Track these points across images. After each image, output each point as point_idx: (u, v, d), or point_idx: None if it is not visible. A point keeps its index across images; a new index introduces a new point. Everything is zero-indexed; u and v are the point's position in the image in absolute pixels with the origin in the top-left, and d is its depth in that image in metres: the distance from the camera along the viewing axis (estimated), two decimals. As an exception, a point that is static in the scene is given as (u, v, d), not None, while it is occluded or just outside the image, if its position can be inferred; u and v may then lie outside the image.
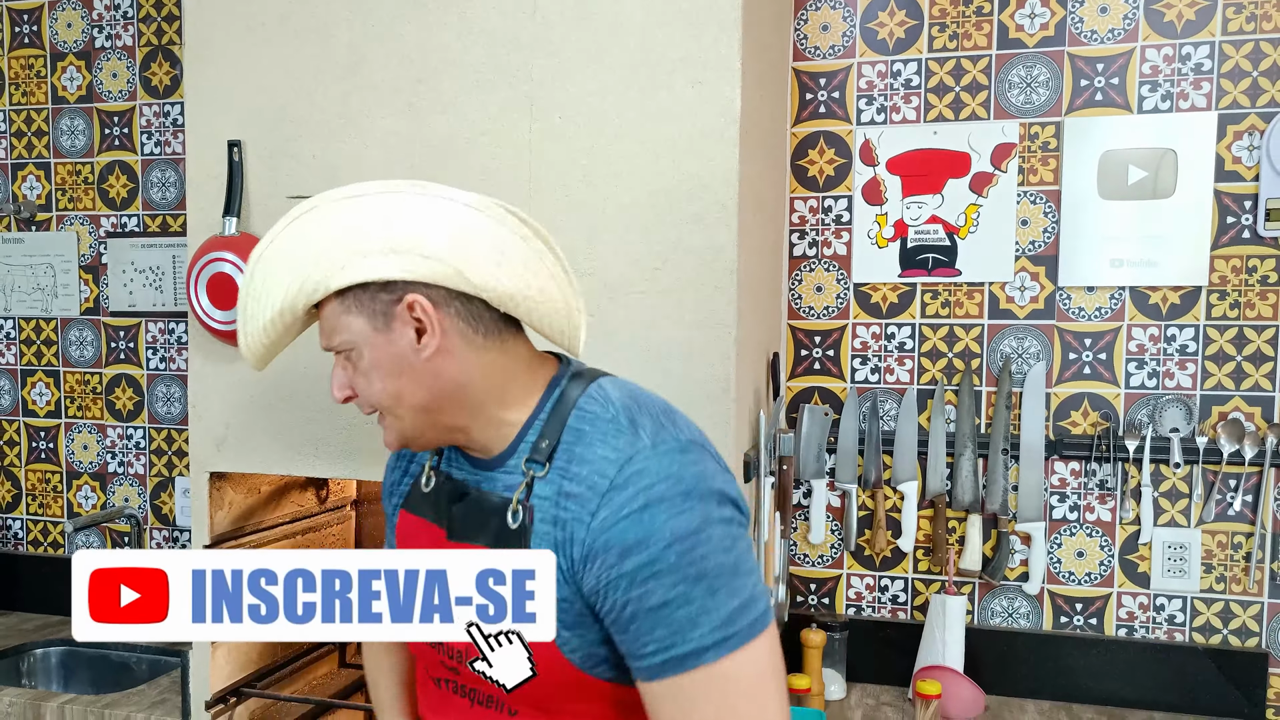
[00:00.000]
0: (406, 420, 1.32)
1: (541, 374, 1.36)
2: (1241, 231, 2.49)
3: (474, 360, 1.30)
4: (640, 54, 2.06)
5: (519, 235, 1.29)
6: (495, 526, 1.28)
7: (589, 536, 1.19)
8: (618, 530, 1.18)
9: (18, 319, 3.35)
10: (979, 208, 2.62)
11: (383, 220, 1.26)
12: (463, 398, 1.30)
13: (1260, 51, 2.47)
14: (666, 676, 1.18)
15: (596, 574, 1.19)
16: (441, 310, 1.26)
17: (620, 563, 1.17)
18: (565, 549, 1.21)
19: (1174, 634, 2.57)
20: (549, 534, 1.23)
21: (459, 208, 1.26)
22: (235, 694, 2.43)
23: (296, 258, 1.29)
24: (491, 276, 1.25)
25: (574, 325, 1.35)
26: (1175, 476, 2.54)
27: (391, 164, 2.21)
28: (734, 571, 1.19)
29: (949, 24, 2.62)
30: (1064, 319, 2.59)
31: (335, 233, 1.27)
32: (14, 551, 3.40)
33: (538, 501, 1.25)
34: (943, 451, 2.64)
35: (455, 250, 1.24)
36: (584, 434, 1.27)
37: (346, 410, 2.21)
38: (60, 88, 3.27)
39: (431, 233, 1.24)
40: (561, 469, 1.26)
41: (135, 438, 3.25)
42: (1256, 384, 2.50)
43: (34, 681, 3.08)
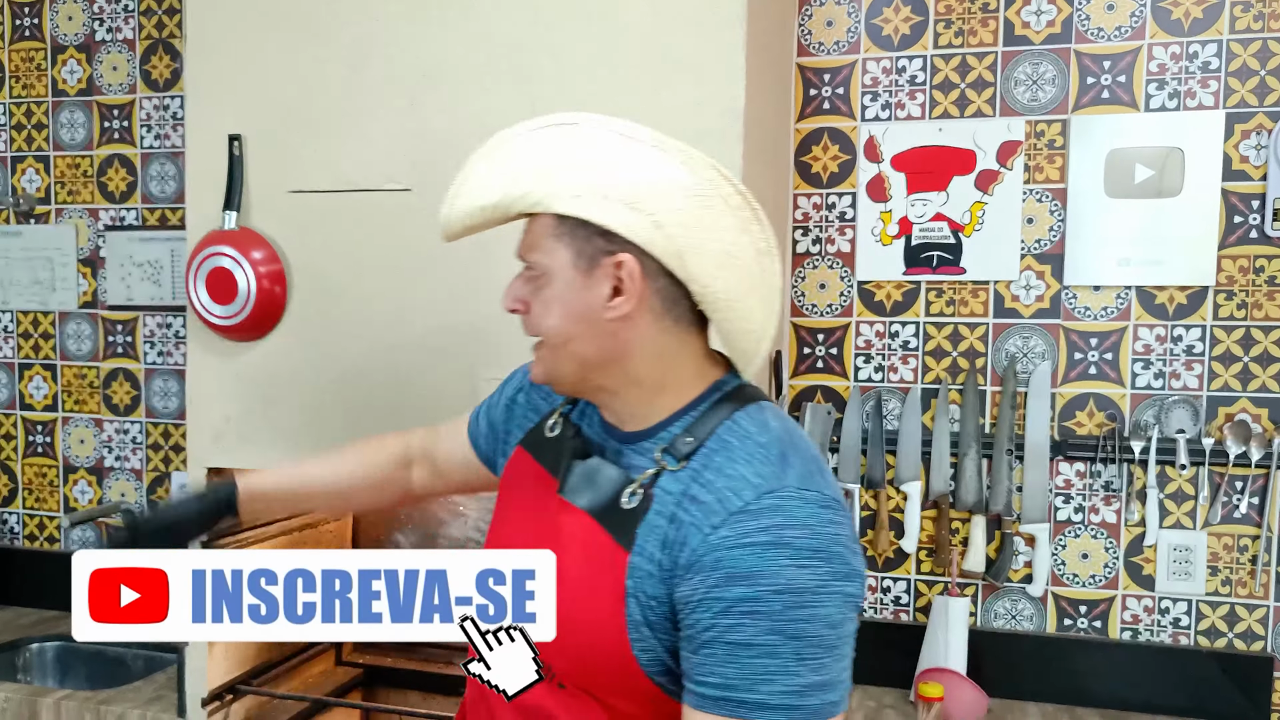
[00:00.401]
0: (563, 363, 1.30)
1: (707, 374, 1.32)
2: (1249, 231, 2.48)
3: (652, 339, 1.26)
4: (643, 54, 2.05)
5: (757, 249, 1.25)
6: (607, 498, 1.26)
7: (703, 548, 1.15)
8: (734, 555, 1.13)
9: (15, 312, 3.33)
10: (984, 205, 2.60)
11: (634, 170, 1.21)
12: (625, 367, 1.28)
13: (1268, 50, 2.45)
14: (715, 714, 1.13)
15: (693, 586, 1.15)
16: (646, 282, 1.23)
17: (724, 586, 1.13)
18: (672, 549, 1.18)
19: (1179, 637, 2.55)
20: (660, 527, 1.20)
21: (717, 198, 1.22)
22: (231, 691, 2.42)
23: (538, 164, 1.25)
24: (709, 275, 1.22)
25: (758, 353, 1.31)
26: (1181, 478, 2.53)
27: (393, 161, 2.19)
28: (830, 649, 1.14)
29: (954, 20, 2.61)
30: (1070, 318, 2.57)
31: (586, 159, 1.23)
32: (10, 546, 3.39)
33: (660, 493, 1.22)
34: (946, 451, 2.63)
35: (689, 234, 1.20)
36: (730, 447, 1.23)
37: (344, 406, 2.20)
38: (60, 80, 3.25)
39: (675, 206, 1.20)
40: (695, 472, 1.22)
41: (132, 432, 3.24)
42: (1264, 385, 2.49)
43: (30, 677, 3.06)
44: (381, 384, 2.22)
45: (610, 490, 1.26)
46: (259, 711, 2.53)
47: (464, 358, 2.15)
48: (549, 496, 1.34)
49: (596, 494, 1.27)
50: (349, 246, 2.24)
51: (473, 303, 2.15)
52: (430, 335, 2.18)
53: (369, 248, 2.22)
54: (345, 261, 2.24)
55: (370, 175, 2.22)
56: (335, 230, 2.25)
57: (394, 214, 2.20)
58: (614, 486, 1.26)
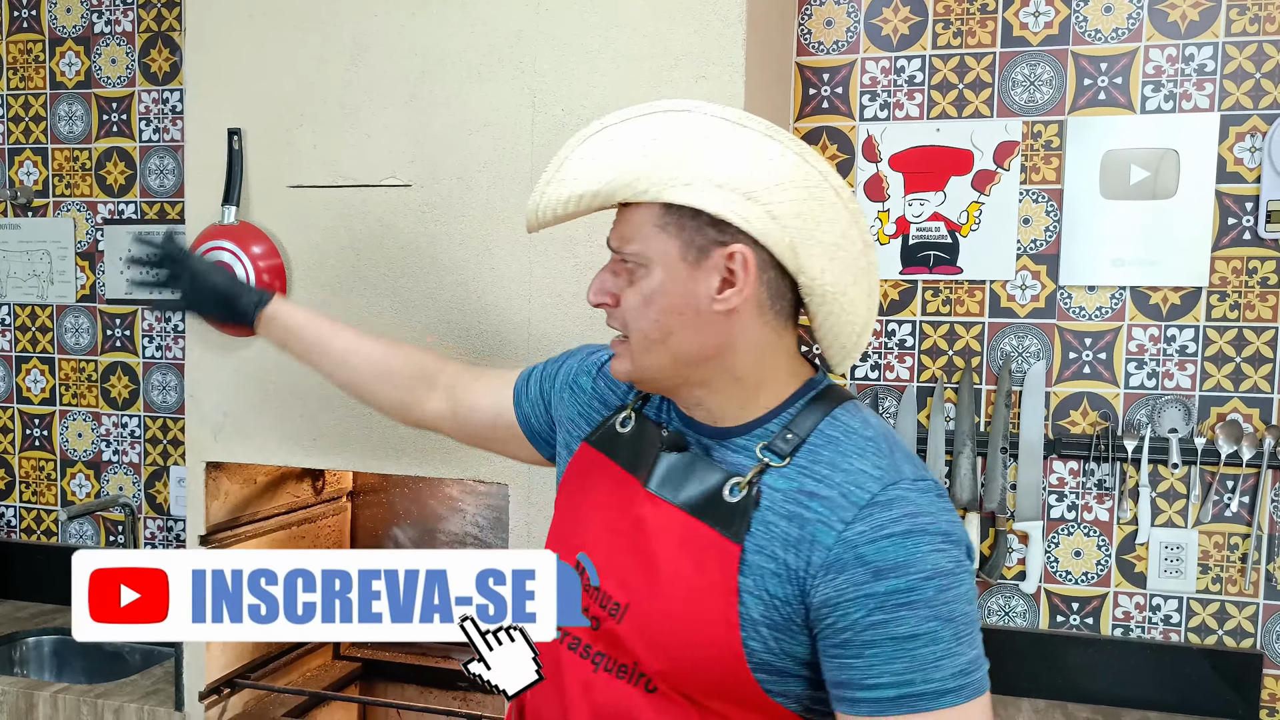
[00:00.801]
0: (656, 358, 1.26)
1: (800, 371, 1.31)
2: (1242, 233, 2.49)
3: (755, 333, 1.24)
4: (643, 48, 2.06)
5: (865, 241, 1.25)
6: (706, 493, 1.23)
7: (839, 546, 1.14)
8: (876, 548, 1.13)
9: (13, 305, 3.33)
10: (981, 206, 2.61)
11: (748, 159, 1.18)
12: (725, 362, 1.25)
13: (1263, 53, 2.46)
14: (892, 715, 1.12)
15: (839, 587, 1.13)
16: (758, 273, 1.21)
17: (873, 582, 1.12)
18: (801, 549, 1.16)
19: (1170, 634, 2.57)
20: (779, 526, 1.18)
21: (829, 189, 1.21)
22: (229, 685, 2.44)
23: (648, 151, 1.22)
24: (819, 267, 1.21)
25: (858, 347, 1.30)
26: (1173, 477, 2.54)
27: (393, 155, 2.20)
28: (975, 623, 1.15)
29: (953, 21, 2.62)
30: (1064, 318, 2.58)
31: (699, 147, 1.20)
32: (7, 539, 3.39)
33: (768, 490, 1.20)
34: (941, 449, 2.64)
35: (802, 224, 1.19)
36: (838, 442, 1.22)
37: (345, 401, 2.20)
38: (59, 73, 3.25)
39: (790, 197, 1.18)
40: (804, 468, 1.20)
41: (130, 426, 3.24)
42: (1255, 385, 2.50)
43: (27, 670, 3.07)
44: (379, 380, 2.23)
45: (709, 485, 1.24)
46: (257, 705, 2.54)
47: (462, 351, 2.15)
48: (629, 493, 1.31)
49: (693, 489, 1.25)
50: (349, 241, 2.24)
51: (471, 296, 2.16)
52: (429, 329, 2.19)
53: (368, 242, 2.23)
54: (345, 257, 2.25)
55: (370, 170, 2.22)
56: (335, 225, 2.25)
57: (394, 209, 2.21)
58: (714, 481, 1.24)
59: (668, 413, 1.38)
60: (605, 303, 1.29)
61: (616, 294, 1.28)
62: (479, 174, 2.15)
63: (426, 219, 2.19)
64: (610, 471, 1.37)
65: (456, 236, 2.17)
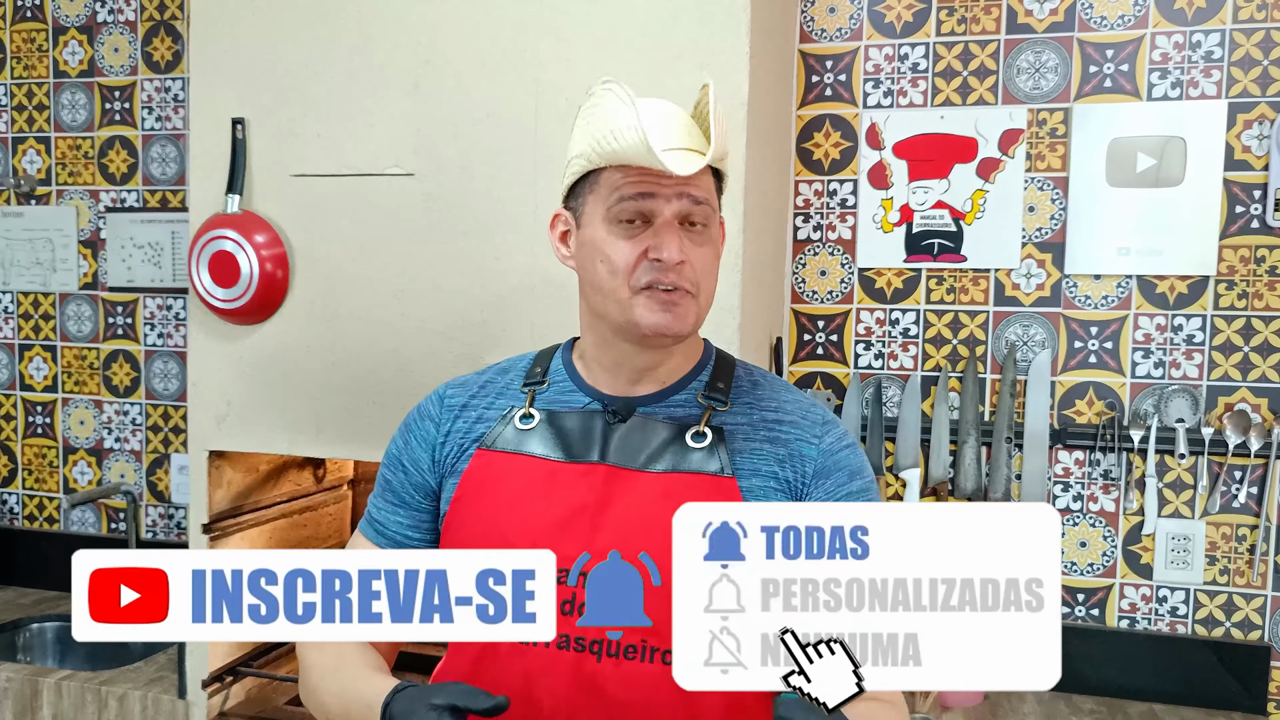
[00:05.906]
0: (704, 312, 1.37)
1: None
2: (1250, 221, 2.48)
3: None
4: (647, 38, 2.05)
5: None
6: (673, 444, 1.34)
7: (820, 457, 1.35)
8: (844, 455, 1.36)
9: (16, 293, 3.33)
10: (986, 193, 2.60)
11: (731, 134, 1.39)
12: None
13: (1271, 40, 2.44)
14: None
15: (828, 490, 1.33)
16: None
17: (850, 482, 1.34)
18: (794, 464, 1.34)
19: (1176, 626, 2.56)
20: (766, 450, 1.34)
21: None
22: (232, 673, 2.44)
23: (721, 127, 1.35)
24: None
25: None
26: (1180, 467, 2.53)
27: (397, 144, 2.19)
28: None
29: (957, 8, 2.60)
30: (1070, 307, 2.57)
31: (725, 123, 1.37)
32: (10, 526, 3.40)
33: (730, 427, 1.35)
34: (946, 439, 2.63)
35: None
36: (760, 384, 1.42)
37: (347, 390, 2.20)
38: (62, 62, 3.24)
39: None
40: (750, 404, 1.38)
41: (132, 414, 3.24)
42: (1264, 375, 2.49)
43: (30, 657, 3.08)
44: (383, 368, 2.22)
45: (668, 438, 1.34)
46: (259, 693, 2.54)
47: (465, 342, 2.15)
48: (571, 475, 1.33)
49: (659, 445, 1.34)
50: (352, 230, 2.24)
51: (474, 287, 2.16)
52: (432, 319, 2.18)
53: (372, 232, 2.22)
54: (348, 245, 2.24)
55: (373, 159, 2.22)
56: (338, 214, 2.24)
57: (397, 198, 2.20)
58: (670, 434, 1.35)
59: (565, 397, 1.40)
60: (687, 259, 1.33)
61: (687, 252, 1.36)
62: (482, 163, 2.14)
63: (430, 208, 2.18)
64: (531, 465, 1.36)
65: (460, 226, 2.16)
